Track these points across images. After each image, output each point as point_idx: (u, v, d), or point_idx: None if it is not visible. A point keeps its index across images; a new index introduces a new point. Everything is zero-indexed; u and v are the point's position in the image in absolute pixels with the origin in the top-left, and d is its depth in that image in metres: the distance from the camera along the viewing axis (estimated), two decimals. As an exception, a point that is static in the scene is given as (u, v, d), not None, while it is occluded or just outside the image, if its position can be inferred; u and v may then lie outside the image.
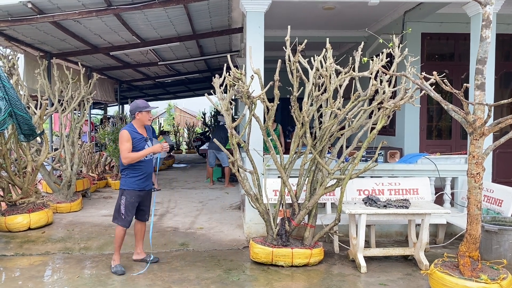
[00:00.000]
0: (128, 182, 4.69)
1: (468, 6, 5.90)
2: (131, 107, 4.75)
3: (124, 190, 4.70)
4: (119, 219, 4.72)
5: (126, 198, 4.68)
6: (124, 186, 4.70)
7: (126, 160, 4.56)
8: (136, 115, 4.69)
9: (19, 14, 6.54)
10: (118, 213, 4.72)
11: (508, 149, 8.01)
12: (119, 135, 4.63)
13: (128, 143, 4.56)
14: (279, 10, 7.35)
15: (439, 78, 3.68)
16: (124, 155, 4.57)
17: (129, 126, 4.70)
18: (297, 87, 4.87)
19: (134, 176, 4.68)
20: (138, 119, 4.71)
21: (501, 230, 4.25)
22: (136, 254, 5.02)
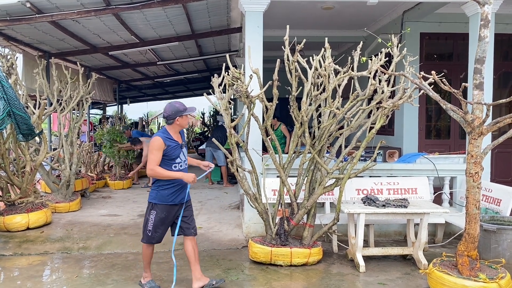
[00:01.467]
0: (159, 196, 4.06)
1: (467, 6, 5.91)
2: (168, 111, 4.02)
3: (154, 204, 4.08)
4: (144, 235, 4.17)
5: (156, 213, 4.07)
6: (155, 200, 4.08)
7: (151, 172, 3.97)
8: (176, 120, 4.03)
9: (17, 13, 6.53)
10: (145, 228, 4.16)
11: (506, 148, 8.02)
12: (151, 142, 3.99)
13: (159, 152, 3.93)
14: (278, 10, 7.35)
15: (438, 78, 3.68)
16: (150, 166, 3.94)
17: (163, 132, 4.03)
18: (296, 87, 4.88)
19: (168, 189, 4.06)
20: (178, 124, 4.06)
21: (499, 230, 4.26)
22: (196, 281, 4.16)
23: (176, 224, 4.16)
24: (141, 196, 8.86)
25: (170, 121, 4.04)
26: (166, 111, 4.05)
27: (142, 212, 7.34)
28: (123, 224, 6.54)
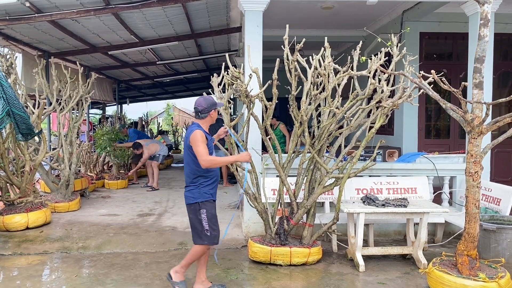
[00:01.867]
0: (202, 193, 3.96)
1: (466, 5, 5.91)
2: (203, 104, 3.96)
3: (200, 203, 3.95)
4: (205, 237, 3.96)
5: (206, 210, 3.96)
6: (200, 198, 3.95)
7: (209, 163, 3.84)
8: (210, 114, 4.00)
9: (17, 13, 6.53)
10: (201, 231, 3.95)
11: (506, 148, 8.03)
12: (193, 136, 3.85)
13: (205, 144, 3.87)
14: (277, 9, 7.35)
15: (438, 77, 3.68)
16: (204, 157, 3.81)
17: (199, 126, 3.96)
18: (296, 86, 4.88)
19: (208, 185, 4.00)
20: (211, 117, 4.04)
21: (499, 229, 4.26)
22: (199, 284, 4.15)
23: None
24: (140, 196, 8.86)
25: (203, 115, 3.98)
26: (200, 105, 3.97)
27: (141, 212, 7.34)
28: (122, 224, 6.54)
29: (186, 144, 3.97)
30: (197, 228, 3.99)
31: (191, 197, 4.00)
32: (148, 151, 9.87)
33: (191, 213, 4.03)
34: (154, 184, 9.70)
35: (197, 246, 4.02)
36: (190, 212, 4.03)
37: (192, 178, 4.00)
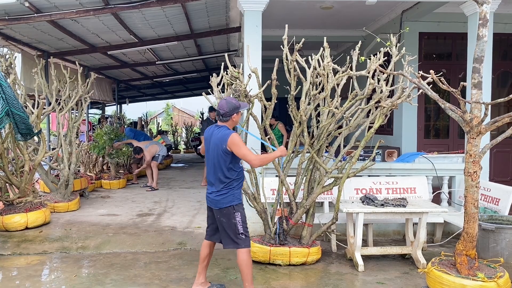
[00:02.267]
0: (236, 195, 3.90)
1: (465, 5, 5.92)
2: (225, 108, 3.86)
3: (234, 206, 3.87)
4: (241, 241, 3.87)
5: (240, 213, 3.89)
6: (234, 201, 3.87)
7: (259, 162, 3.86)
8: (232, 117, 3.91)
9: (16, 13, 6.53)
10: (235, 235, 3.87)
11: (505, 148, 8.04)
12: (232, 140, 3.75)
13: (245, 145, 3.89)
14: (277, 9, 7.36)
15: (437, 77, 3.69)
16: (254, 157, 3.82)
17: (228, 128, 3.92)
18: (295, 86, 4.88)
19: (240, 187, 3.98)
20: (233, 121, 3.94)
21: (498, 229, 4.26)
22: (197, 286, 4.10)
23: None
24: (140, 196, 8.86)
25: (226, 118, 3.89)
26: (222, 108, 3.87)
27: (141, 212, 7.35)
28: (122, 224, 6.54)
29: (221, 148, 3.80)
30: (231, 232, 3.88)
31: (223, 201, 3.86)
32: (149, 153, 9.89)
33: (224, 217, 3.88)
34: (154, 184, 9.70)
35: (242, 254, 3.88)
36: (223, 216, 3.88)
37: (226, 182, 3.86)
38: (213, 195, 3.92)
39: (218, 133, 3.87)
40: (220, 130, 3.88)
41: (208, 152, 3.98)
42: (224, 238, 3.94)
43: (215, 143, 3.86)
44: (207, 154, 3.99)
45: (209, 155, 3.94)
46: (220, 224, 3.92)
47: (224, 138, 3.79)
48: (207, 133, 4.02)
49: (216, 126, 3.98)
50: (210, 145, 3.93)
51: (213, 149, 3.89)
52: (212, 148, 3.90)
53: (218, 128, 3.92)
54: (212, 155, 3.89)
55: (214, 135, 3.91)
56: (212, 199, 3.92)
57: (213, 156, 3.89)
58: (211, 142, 3.92)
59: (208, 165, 3.99)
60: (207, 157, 3.99)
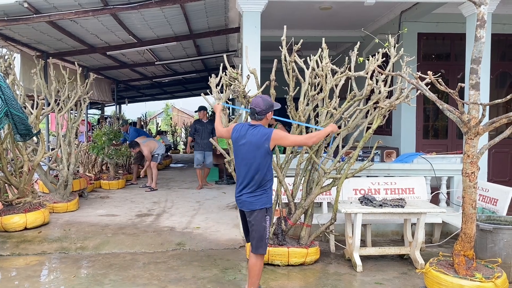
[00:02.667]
0: (269, 197, 3.81)
1: (464, 6, 5.93)
2: (262, 105, 3.78)
3: (267, 208, 3.78)
4: (264, 247, 3.81)
5: (270, 217, 3.82)
6: (268, 203, 3.78)
7: (313, 139, 3.84)
8: (267, 115, 3.83)
9: (15, 13, 6.54)
10: (263, 239, 3.79)
11: (504, 148, 8.05)
12: (278, 134, 3.75)
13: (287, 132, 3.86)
14: (275, 10, 7.36)
15: (435, 78, 3.70)
16: (305, 138, 3.88)
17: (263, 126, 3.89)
18: (293, 87, 4.89)
19: (272, 189, 3.88)
20: (267, 119, 3.87)
21: (496, 229, 4.26)
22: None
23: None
24: (139, 196, 8.86)
25: (261, 116, 3.79)
26: (258, 106, 3.78)
27: (140, 212, 7.35)
28: (120, 224, 6.54)
29: (264, 147, 3.72)
30: (260, 236, 3.78)
31: (258, 202, 3.75)
32: (147, 147, 9.85)
33: (255, 220, 3.76)
34: (153, 184, 9.70)
35: (259, 259, 3.80)
36: (254, 218, 3.76)
37: (262, 183, 3.76)
38: (245, 196, 3.78)
39: (257, 132, 3.75)
40: (258, 130, 3.76)
41: (240, 152, 3.83)
42: (254, 243, 3.81)
43: (254, 143, 3.73)
44: (239, 154, 3.84)
45: (242, 155, 3.80)
46: (252, 227, 3.81)
47: (267, 137, 3.70)
48: (237, 133, 3.86)
49: (250, 126, 3.83)
50: (244, 145, 3.78)
51: (249, 149, 3.75)
52: (248, 148, 3.76)
53: (254, 128, 3.79)
54: (248, 155, 3.76)
55: (249, 135, 3.76)
56: (244, 200, 3.79)
57: (249, 156, 3.75)
58: (246, 142, 3.77)
59: (239, 165, 3.85)
60: (239, 157, 3.84)
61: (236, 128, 3.93)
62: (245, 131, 3.81)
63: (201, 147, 9.89)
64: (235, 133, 3.88)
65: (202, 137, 9.85)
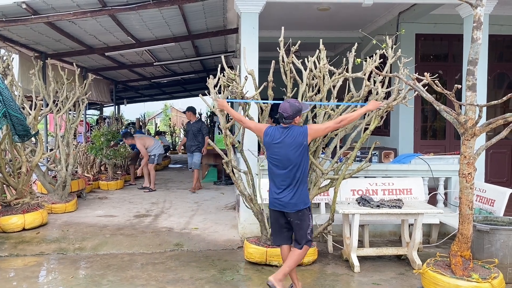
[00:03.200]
0: (307, 193, 3.99)
1: (461, 7, 5.94)
2: (289, 110, 3.86)
3: (309, 207, 3.93)
4: (309, 242, 3.97)
5: (311, 214, 3.98)
6: (309, 201, 3.94)
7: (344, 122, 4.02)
8: (295, 119, 3.91)
9: (13, 14, 6.54)
10: (309, 235, 3.94)
11: (501, 149, 8.07)
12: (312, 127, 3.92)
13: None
14: (274, 11, 7.37)
15: (432, 79, 3.71)
16: (339, 120, 4.01)
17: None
18: (291, 88, 4.90)
19: None
20: (296, 123, 3.94)
21: (492, 230, 4.27)
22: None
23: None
24: (137, 197, 8.86)
25: (289, 121, 3.89)
26: (286, 111, 3.85)
27: (138, 213, 7.36)
28: (119, 225, 6.55)
29: (303, 144, 3.83)
30: (305, 233, 3.91)
31: (301, 202, 3.86)
32: (141, 141, 9.74)
33: (300, 219, 3.88)
34: (152, 185, 9.70)
35: (303, 251, 3.93)
36: (299, 218, 3.88)
37: (304, 180, 3.89)
38: (287, 198, 3.84)
39: (293, 133, 3.85)
40: (292, 130, 3.87)
41: (277, 156, 3.88)
42: (299, 240, 3.92)
43: (292, 143, 3.82)
44: (276, 158, 3.89)
45: (281, 158, 3.86)
46: (296, 227, 3.91)
47: (304, 134, 3.83)
48: (270, 137, 3.93)
49: (283, 128, 3.92)
50: (282, 148, 3.85)
51: (288, 151, 3.83)
52: (286, 150, 3.84)
53: (288, 129, 3.89)
54: (287, 157, 3.83)
55: (286, 137, 3.85)
56: (287, 202, 3.84)
57: (289, 158, 3.83)
58: (283, 144, 3.85)
59: (277, 168, 3.90)
60: (276, 160, 3.89)
61: (267, 132, 3.99)
62: (279, 134, 3.90)
63: (187, 149, 9.78)
64: (268, 138, 3.96)
65: (188, 138, 9.76)
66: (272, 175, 3.96)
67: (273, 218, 4.06)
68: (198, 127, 9.59)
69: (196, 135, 9.53)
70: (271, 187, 3.97)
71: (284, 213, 3.93)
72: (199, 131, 9.57)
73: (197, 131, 9.55)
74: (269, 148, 3.95)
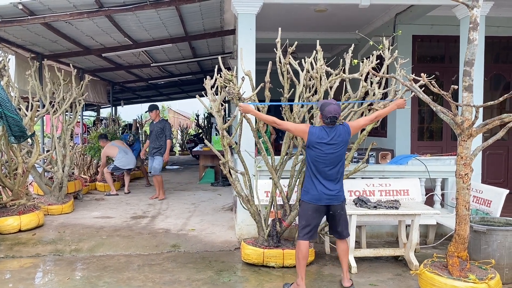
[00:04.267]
0: None
1: (458, 8, 5.96)
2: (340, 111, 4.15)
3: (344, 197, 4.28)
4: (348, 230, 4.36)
5: None
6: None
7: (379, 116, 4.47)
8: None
9: (9, 15, 6.51)
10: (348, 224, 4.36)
11: (498, 150, 8.09)
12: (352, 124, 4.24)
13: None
14: (271, 12, 7.38)
15: (429, 80, 3.72)
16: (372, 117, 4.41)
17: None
18: (288, 89, 4.90)
19: None
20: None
21: (489, 231, 4.28)
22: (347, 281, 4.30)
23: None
24: (134, 198, 8.84)
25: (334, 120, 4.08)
26: (338, 113, 4.05)
27: (135, 214, 7.34)
28: (115, 226, 6.53)
29: (347, 141, 4.14)
30: (347, 221, 4.31)
31: (343, 193, 4.21)
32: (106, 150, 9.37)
33: (343, 209, 4.23)
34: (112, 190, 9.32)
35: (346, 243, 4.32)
36: (342, 208, 4.21)
37: (342, 176, 4.20)
38: (335, 191, 4.11)
39: (339, 131, 4.09)
40: (339, 129, 4.10)
41: (326, 154, 4.05)
42: (344, 230, 4.27)
43: (342, 141, 4.09)
44: (325, 156, 4.05)
45: (332, 155, 4.06)
46: (340, 218, 4.21)
47: (348, 132, 4.14)
48: (316, 137, 4.06)
49: (329, 128, 4.09)
50: (332, 147, 4.05)
51: (337, 150, 4.07)
52: (336, 149, 4.06)
53: (335, 128, 4.09)
54: (338, 154, 4.09)
55: (335, 136, 4.06)
56: (335, 195, 4.11)
57: (339, 156, 4.09)
58: (333, 143, 4.06)
59: (327, 166, 4.07)
60: (325, 158, 4.05)
61: (313, 131, 4.11)
62: (326, 134, 4.07)
63: (149, 151, 9.03)
64: (314, 137, 4.08)
65: (150, 139, 8.95)
66: (319, 172, 4.09)
67: (316, 214, 4.15)
68: (161, 127, 8.81)
69: (159, 137, 8.77)
70: (317, 184, 4.10)
71: (328, 207, 4.12)
72: (161, 132, 8.79)
73: (159, 132, 8.78)
74: (317, 147, 4.07)
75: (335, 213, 4.16)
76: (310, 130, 4.12)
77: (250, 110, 4.54)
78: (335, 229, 4.27)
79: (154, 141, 8.80)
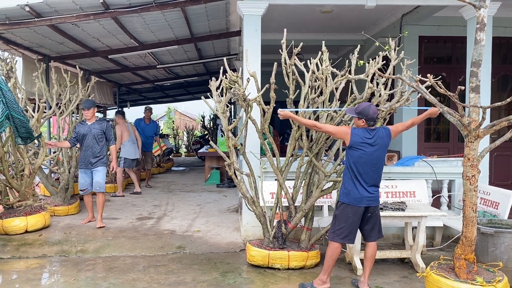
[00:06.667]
0: None
1: (465, 9, 5.92)
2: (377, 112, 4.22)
3: None
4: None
5: None
6: None
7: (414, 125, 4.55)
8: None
9: (17, 17, 6.56)
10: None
11: (505, 151, 8.02)
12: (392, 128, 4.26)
13: None
14: (276, 14, 7.37)
15: (435, 81, 3.69)
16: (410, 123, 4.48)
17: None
18: (294, 90, 4.89)
19: None
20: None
21: (497, 233, 4.25)
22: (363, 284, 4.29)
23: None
24: (140, 199, 8.86)
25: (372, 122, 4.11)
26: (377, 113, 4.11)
27: (140, 216, 7.35)
28: (121, 227, 6.54)
29: (388, 144, 4.17)
30: (381, 223, 4.30)
31: (379, 196, 4.22)
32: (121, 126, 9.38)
33: (379, 210, 4.28)
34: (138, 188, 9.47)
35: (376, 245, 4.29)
36: (378, 209, 4.27)
37: (381, 178, 4.20)
38: (376, 194, 4.15)
39: (380, 133, 4.11)
40: (380, 131, 4.13)
41: (369, 156, 4.05)
42: (379, 231, 4.27)
43: (384, 144, 4.12)
44: (368, 158, 4.05)
45: (373, 158, 4.06)
46: (376, 219, 4.24)
47: (389, 135, 4.17)
48: (359, 138, 4.06)
49: (370, 130, 4.10)
50: (376, 149, 4.07)
51: (380, 152, 4.10)
52: (380, 150, 4.09)
53: (376, 131, 4.11)
54: (381, 156, 4.12)
55: (378, 139, 4.08)
56: (375, 196, 4.14)
57: (381, 157, 4.13)
58: (377, 146, 4.07)
59: (369, 167, 4.07)
60: (367, 159, 4.05)
61: (355, 132, 4.11)
62: (369, 136, 4.08)
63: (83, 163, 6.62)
64: (357, 138, 4.08)
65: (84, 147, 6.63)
66: (361, 173, 4.07)
67: (356, 216, 4.12)
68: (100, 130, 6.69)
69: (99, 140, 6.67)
70: (358, 185, 4.08)
71: (367, 209, 4.12)
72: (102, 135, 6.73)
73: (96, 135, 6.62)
74: (360, 148, 4.06)
75: (373, 214, 4.16)
76: (352, 131, 4.11)
77: (291, 115, 4.51)
78: (369, 230, 4.23)
79: (89, 149, 6.59)
